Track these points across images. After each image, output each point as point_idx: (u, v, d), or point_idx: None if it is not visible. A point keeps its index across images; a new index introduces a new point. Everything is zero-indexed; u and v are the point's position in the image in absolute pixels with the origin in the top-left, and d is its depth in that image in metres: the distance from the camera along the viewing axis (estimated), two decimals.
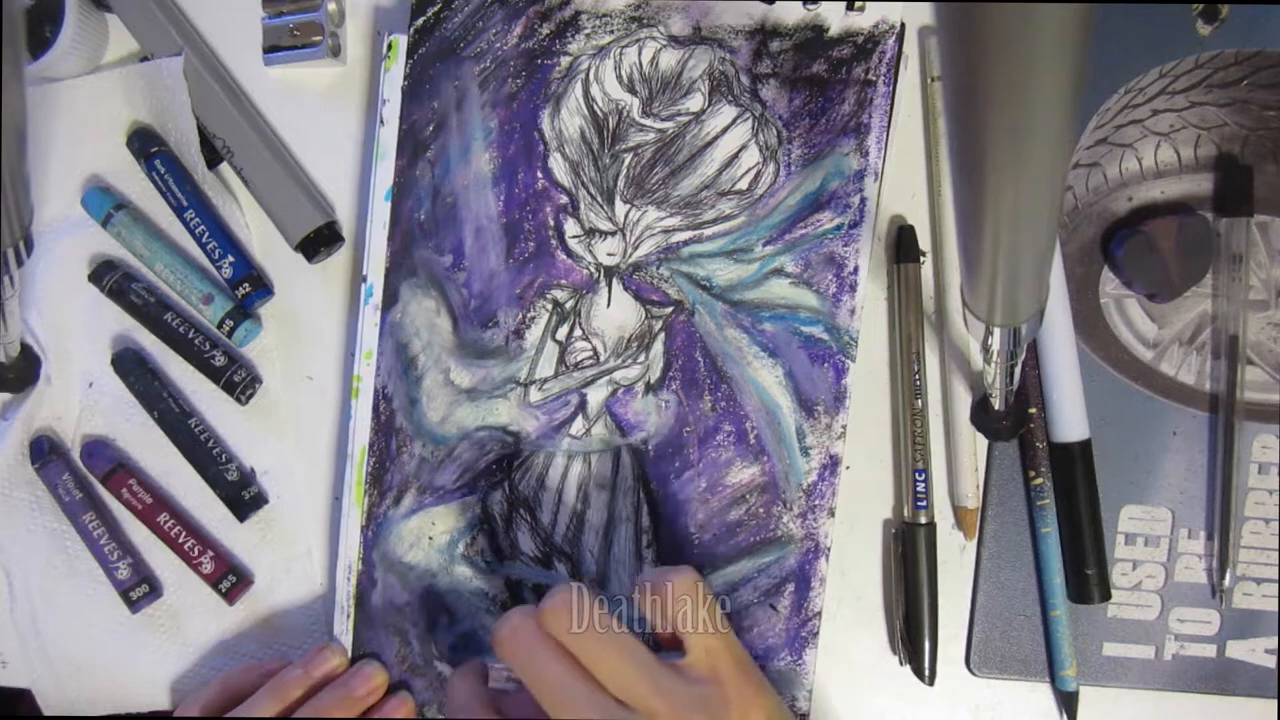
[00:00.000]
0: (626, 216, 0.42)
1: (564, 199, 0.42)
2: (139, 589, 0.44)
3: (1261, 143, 0.44)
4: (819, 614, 0.42)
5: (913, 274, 0.43)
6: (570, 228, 0.42)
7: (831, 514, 0.42)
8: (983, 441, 0.44)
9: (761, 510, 0.42)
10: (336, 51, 0.45)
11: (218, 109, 0.44)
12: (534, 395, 0.42)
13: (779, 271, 0.42)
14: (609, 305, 0.42)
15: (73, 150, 0.45)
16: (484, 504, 0.42)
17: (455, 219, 0.42)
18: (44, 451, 0.44)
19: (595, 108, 0.42)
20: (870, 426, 0.44)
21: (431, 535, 0.42)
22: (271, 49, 0.45)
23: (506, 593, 0.42)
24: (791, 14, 0.42)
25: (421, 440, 0.42)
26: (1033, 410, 0.43)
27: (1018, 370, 0.39)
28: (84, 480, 0.45)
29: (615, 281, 0.42)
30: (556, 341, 0.42)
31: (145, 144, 0.44)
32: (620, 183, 0.42)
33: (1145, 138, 0.44)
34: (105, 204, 0.44)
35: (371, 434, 0.42)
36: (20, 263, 0.41)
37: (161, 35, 0.44)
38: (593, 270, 0.42)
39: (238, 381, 0.44)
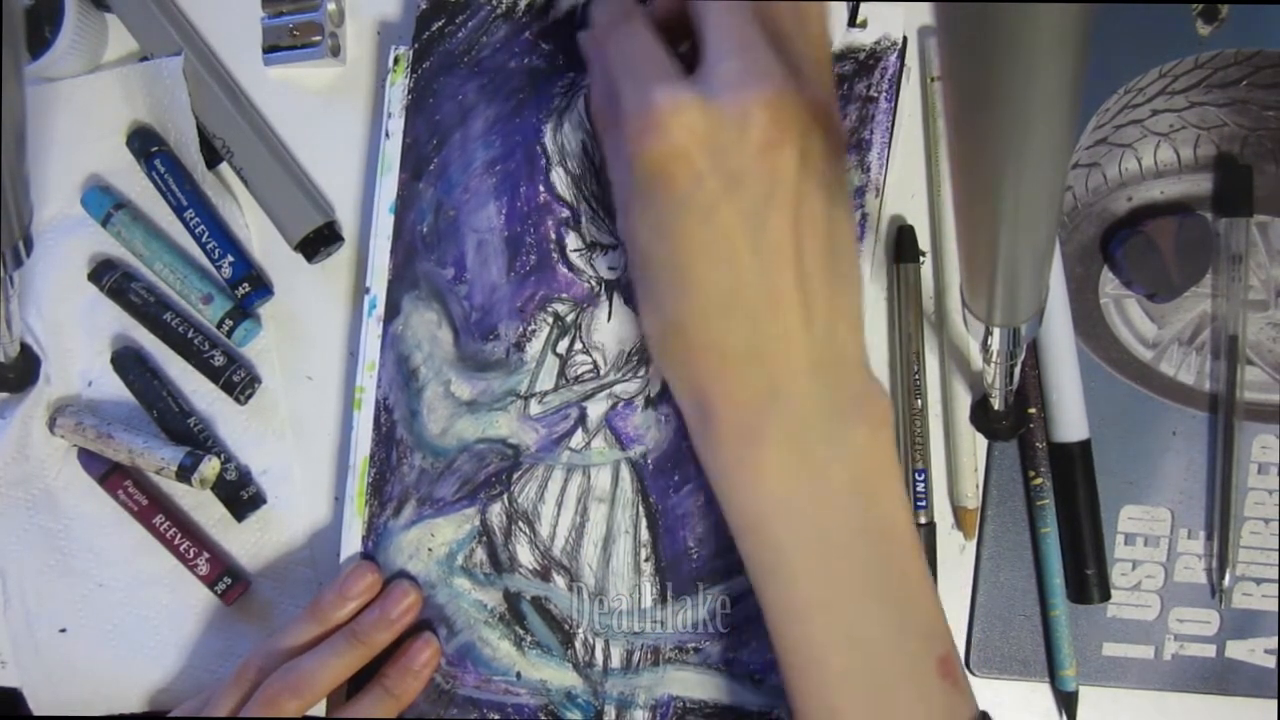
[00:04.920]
0: None
1: (565, 213, 0.42)
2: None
3: (1261, 143, 0.44)
4: None
5: (913, 274, 0.43)
6: (572, 241, 0.42)
7: None
8: (982, 441, 0.44)
9: None
10: (336, 51, 0.45)
11: (217, 109, 0.44)
12: (534, 408, 0.42)
13: None
14: (610, 319, 0.42)
15: (73, 150, 0.45)
16: (483, 516, 0.42)
17: (457, 232, 0.42)
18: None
19: None
20: None
21: (431, 547, 0.42)
22: (271, 49, 0.45)
23: (505, 604, 0.42)
24: None
25: (422, 452, 0.42)
26: (1032, 410, 0.43)
27: (1017, 370, 0.39)
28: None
29: (616, 295, 0.42)
30: (557, 355, 0.42)
31: (145, 144, 0.44)
32: None
33: (1145, 138, 0.44)
34: (105, 203, 0.44)
35: (372, 445, 0.42)
36: (20, 263, 0.41)
37: (161, 35, 0.44)
38: (594, 284, 0.42)
39: (237, 381, 0.44)
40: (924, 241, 0.44)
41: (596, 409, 0.42)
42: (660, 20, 0.35)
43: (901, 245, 0.44)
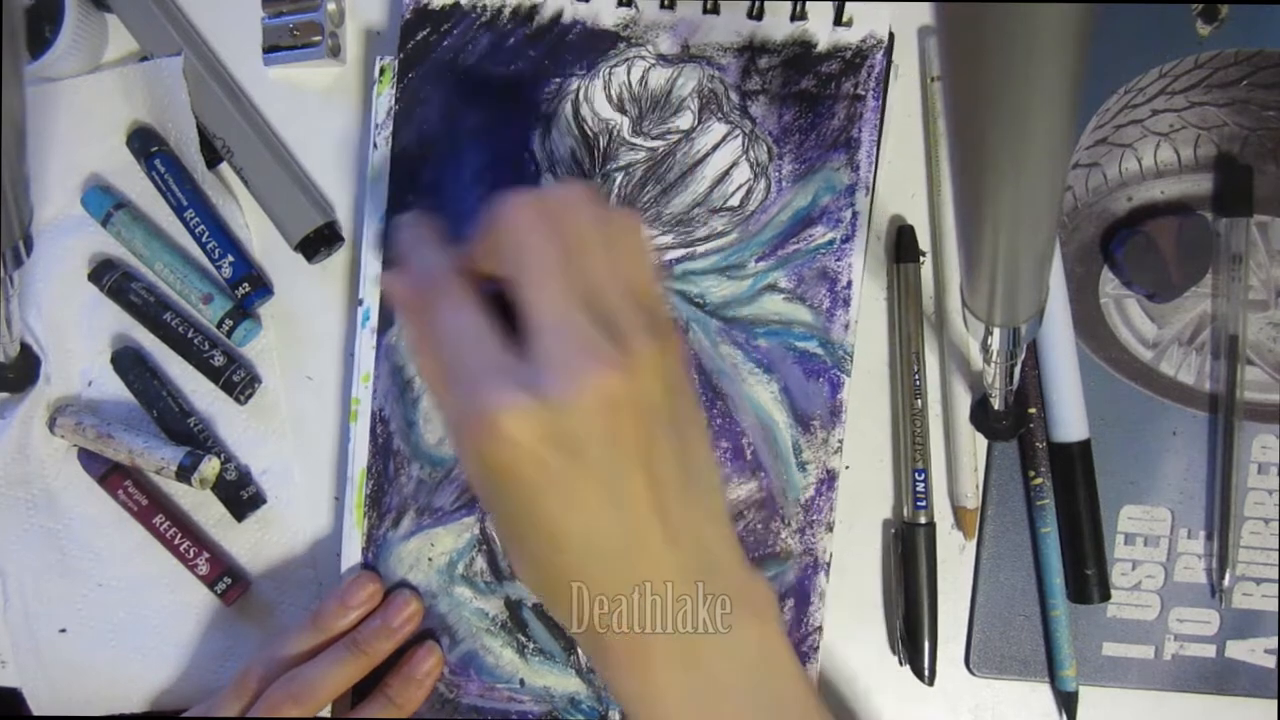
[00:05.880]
0: None
1: None
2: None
3: (1261, 143, 0.44)
4: (819, 628, 0.41)
5: (913, 274, 0.43)
6: None
7: (830, 528, 0.41)
8: (982, 441, 0.44)
9: (759, 526, 0.42)
10: (336, 51, 0.45)
11: (217, 109, 0.44)
12: None
13: (772, 287, 0.42)
14: None
15: (73, 150, 0.45)
16: (482, 524, 0.42)
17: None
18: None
19: (585, 128, 0.42)
20: (870, 426, 0.44)
21: (431, 556, 0.42)
22: (271, 49, 0.45)
23: (506, 612, 0.42)
24: (779, 30, 0.42)
25: (419, 462, 0.42)
26: (1032, 410, 0.43)
27: (1017, 370, 0.39)
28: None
29: None
30: None
31: (145, 143, 0.44)
32: (612, 201, 0.42)
33: (1145, 138, 0.44)
34: (105, 203, 0.44)
35: (370, 456, 0.42)
36: (20, 262, 0.41)
37: (161, 35, 0.44)
38: None
39: (237, 381, 0.44)
40: (924, 241, 0.44)
41: None
42: (477, 263, 0.34)
43: (901, 245, 0.44)
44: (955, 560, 0.44)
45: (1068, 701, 0.43)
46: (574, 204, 0.33)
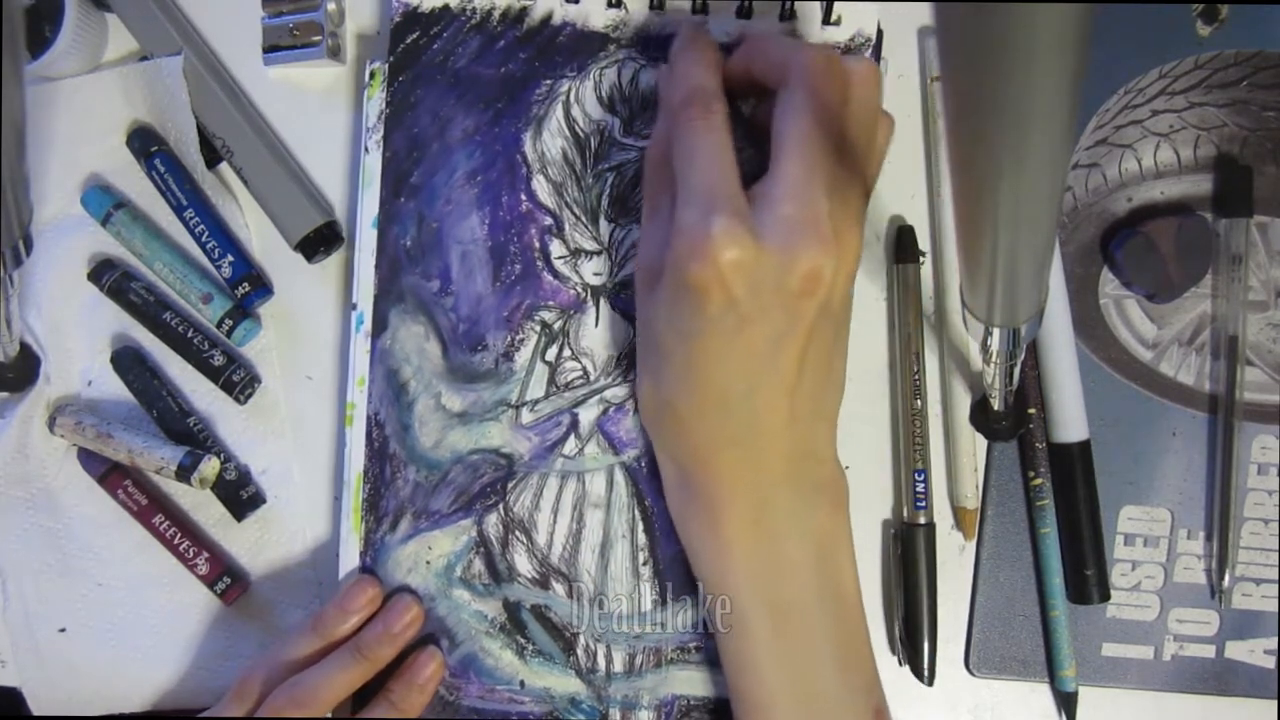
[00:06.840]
0: (611, 235, 0.42)
1: (548, 220, 0.42)
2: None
3: (1261, 143, 0.44)
4: None
5: (912, 274, 0.43)
6: (555, 249, 0.42)
7: None
8: (982, 442, 0.44)
9: None
10: (336, 51, 0.45)
11: (217, 109, 0.44)
12: (525, 417, 0.42)
13: None
14: (597, 324, 0.42)
15: (73, 150, 0.45)
16: (479, 527, 0.42)
17: (440, 245, 0.42)
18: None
19: (577, 129, 0.42)
20: (870, 426, 0.44)
21: (429, 559, 0.42)
22: (271, 49, 0.45)
23: (505, 614, 0.42)
24: (768, 30, 0.42)
25: (415, 465, 0.42)
26: (1032, 410, 0.43)
27: (1017, 370, 0.39)
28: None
29: (602, 300, 0.42)
30: (546, 362, 0.42)
31: (145, 143, 0.44)
32: (604, 202, 0.42)
33: (1145, 138, 0.44)
34: (105, 203, 0.44)
35: (366, 460, 0.42)
36: (20, 262, 0.41)
37: (161, 35, 0.44)
38: (580, 290, 0.42)
39: (236, 381, 0.44)
40: (924, 241, 0.44)
41: (588, 415, 0.42)
42: (731, 76, 0.38)
43: (901, 245, 0.44)
44: (955, 560, 0.44)
45: (1067, 702, 0.43)
46: (865, 82, 0.35)
